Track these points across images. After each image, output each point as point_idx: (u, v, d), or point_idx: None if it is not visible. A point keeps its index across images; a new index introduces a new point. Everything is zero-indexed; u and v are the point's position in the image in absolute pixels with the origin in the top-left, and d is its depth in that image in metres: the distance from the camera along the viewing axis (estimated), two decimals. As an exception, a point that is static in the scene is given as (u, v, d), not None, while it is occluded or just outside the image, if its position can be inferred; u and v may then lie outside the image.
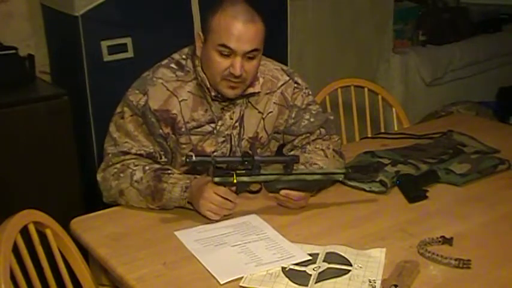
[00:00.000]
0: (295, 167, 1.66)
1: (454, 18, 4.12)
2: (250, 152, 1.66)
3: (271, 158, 1.78)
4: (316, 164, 1.78)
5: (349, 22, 3.51)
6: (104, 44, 2.37)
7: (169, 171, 1.70)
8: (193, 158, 1.55)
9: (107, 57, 2.39)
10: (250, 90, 1.78)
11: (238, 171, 1.61)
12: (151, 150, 1.75)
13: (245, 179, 1.62)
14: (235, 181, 1.60)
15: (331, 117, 1.96)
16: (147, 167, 1.71)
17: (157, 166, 1.73)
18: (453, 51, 4.04)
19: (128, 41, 2.41)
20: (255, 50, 1.68)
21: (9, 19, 2.55)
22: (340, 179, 1.72)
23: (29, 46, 2.58)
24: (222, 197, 1.60)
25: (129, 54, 2.42)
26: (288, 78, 1.89)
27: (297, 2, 3.08)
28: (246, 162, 1.60)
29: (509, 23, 4.51)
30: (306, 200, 1.71)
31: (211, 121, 1.79)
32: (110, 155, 1.75)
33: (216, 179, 1.59)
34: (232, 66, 1.66)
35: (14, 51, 2.35)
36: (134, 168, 1.71)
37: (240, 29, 1.63)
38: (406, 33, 3.93)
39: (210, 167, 1.67)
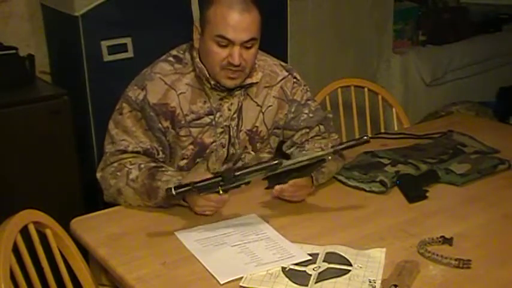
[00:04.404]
0: (283, 163, 1.58)
1: (454, 18, 4.12)
2: (233, 166, 1.62)
3: (252, 169, 1.61)
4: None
5: (349, 22, 3.51)
6: (104, 44, 2.37)
7: (163, 169, 1.70)
8: (173, 191, 1.51)
9: (107, 57, 2.38)
10: (249, 80, 1.79)
11: (222, 187, 1.54)
12: (148, 147, 1.75)
13: (231, 186, 1.56)
14: (221, 192, 1.55)
15: (330, 116, 1.98)
16: (142, 165, 1.71)
17: (152, 164, 1.73)
18: (453, 51, 4.03)
19: (127, 41, 2.41)
20: (253, 39, 1.69)
21: (9, 19, 2.55)
22: (330, 157, 1.61)
23: (29, 46, 2.57)
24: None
25: (129, 54, 2.42)
26: (287, 73, 1.91)
27: (297, 2, 3.08)
28: (230, 178, 1.54)
29: (509, 23, 4.50)
30: (310, 187, 1.73)
31: (210, 113, 1.79)
32: (108, 154, 1.76)
33: (202, 194, 1.56)
34: (231, 56, 1.67)
35: (14, 51, 2.34)
36: (130, 167, 1.71)
37: (236, 19, 1.64)
38: (406, 33, 3.92)
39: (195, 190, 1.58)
